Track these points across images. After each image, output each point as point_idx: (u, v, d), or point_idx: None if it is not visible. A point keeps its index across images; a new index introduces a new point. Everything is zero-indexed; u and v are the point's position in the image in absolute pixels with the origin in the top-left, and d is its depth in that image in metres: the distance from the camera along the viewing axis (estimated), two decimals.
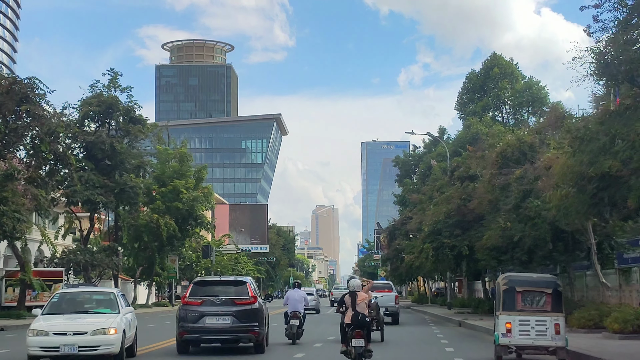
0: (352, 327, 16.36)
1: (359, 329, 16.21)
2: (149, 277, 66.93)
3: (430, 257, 39.02)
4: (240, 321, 19.68)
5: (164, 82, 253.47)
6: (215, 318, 19.68)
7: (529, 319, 16.88)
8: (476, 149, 40.16)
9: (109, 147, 55.11)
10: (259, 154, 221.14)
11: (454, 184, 41.23)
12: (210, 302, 19.91)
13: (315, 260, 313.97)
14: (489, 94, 70.24)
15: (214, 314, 19.71)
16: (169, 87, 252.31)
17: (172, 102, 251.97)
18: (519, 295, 17.10)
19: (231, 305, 19.84)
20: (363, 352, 16.19)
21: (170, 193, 66.16)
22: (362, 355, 16.19)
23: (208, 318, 19.69)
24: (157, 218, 62.36)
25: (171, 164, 69.00)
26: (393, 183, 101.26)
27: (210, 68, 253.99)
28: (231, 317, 19.69)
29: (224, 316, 19.68)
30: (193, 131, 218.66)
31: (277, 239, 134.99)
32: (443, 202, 41.47)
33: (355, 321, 16.32)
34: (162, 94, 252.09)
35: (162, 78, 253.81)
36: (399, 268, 65.22)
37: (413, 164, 78.36)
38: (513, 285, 17.26)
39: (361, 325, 16.30)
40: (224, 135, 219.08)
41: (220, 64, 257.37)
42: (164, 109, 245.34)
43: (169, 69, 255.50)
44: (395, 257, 66.27)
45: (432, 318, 44.25)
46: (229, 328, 19.68)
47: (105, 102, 55.81)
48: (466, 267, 43.01)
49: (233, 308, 19.79)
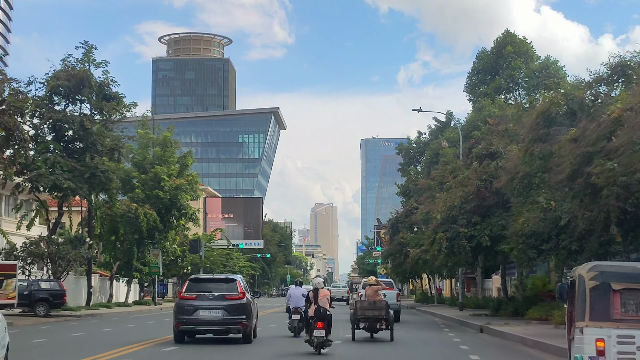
0: (314, 319, 18.36)
1: (320, 321, 18.23)
2: (128, 273, 60.54)
3: (444, 250, 32.57)
4: (230, 314, 21.52)
5: (160, 76, 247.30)
6: (208, 311, 21.54)
7: (634, 335, 10.48)
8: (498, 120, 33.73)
9: (78, 127, 48.69)
10: (256, 149, 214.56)
11: (470, 164, 34.81)
12: (204, 297, 21.78)
13: (313, 258, 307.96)
14: (501, 74, 63.75)
15: (207, 308, 21.56)
16: (166, 81, 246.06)
17: (169, 96, 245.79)
18: (617, 297, 10.65)
19: (222, 300, 21.69)
20: (324, 341, 18.25)
21: (151, 181, 59.77)
22: (323, 344, 18.27)
23: (202, 311, 21.54)
24: (136, 208, 55.96)
25: (154, 149, 62.67)
26: (393, 180, 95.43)
27: (207, 62, 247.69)
28: (222, 311, 21.53)
29: (215, 310, 21.54)
30: (189, 125, 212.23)
31: (272, 235, 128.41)
32: (458, 186, 35.05)
33: (317, 314, 18.40)
34: (159, 87, 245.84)
35: (158, 72, 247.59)
36: (403, 264, 58.75)
37: (418, 152, 71.71)
38: (606, 280, 10.75)
39: (322, 317, 18.31)
40: (221, 129, 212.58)
41: (218, 58, 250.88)
42: (160, 103, 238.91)
43: (165, 62, 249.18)
44: (399, 252, 59.79)
45: (444, 321, 37.84)
46: (220, 320, 21.54)
47: (75, 76, 49.19)
48: (483, 261, 36.46)
49: (224, 302, 21.64)
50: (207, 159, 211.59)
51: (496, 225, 32.03)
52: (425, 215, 47.72)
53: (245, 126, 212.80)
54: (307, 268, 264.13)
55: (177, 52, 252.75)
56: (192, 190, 61.18)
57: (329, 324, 18.45)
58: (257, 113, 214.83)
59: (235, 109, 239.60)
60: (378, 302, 23.02)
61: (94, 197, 51.89)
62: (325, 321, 18.25)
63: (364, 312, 22.92)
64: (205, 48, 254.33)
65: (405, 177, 71.58)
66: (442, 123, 68.18)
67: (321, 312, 18.40)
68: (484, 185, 31.92)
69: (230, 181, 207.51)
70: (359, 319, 23.07)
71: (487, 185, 31.90)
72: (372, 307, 22.89)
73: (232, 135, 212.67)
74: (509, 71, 62.89)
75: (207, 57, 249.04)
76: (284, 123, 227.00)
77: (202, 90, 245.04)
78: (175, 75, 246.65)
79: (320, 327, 18.11)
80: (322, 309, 18.45)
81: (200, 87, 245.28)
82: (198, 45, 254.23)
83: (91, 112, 51.18)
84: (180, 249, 70.47)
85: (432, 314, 45.86)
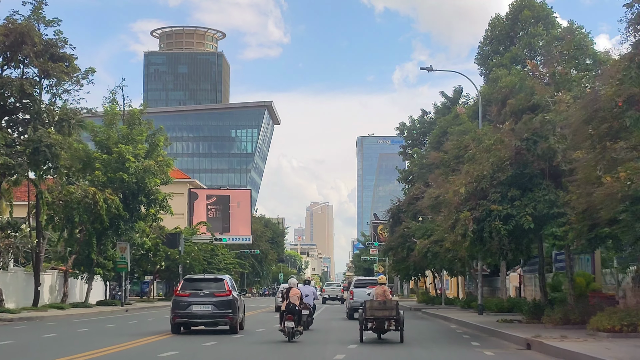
0: (285, 312, 21.75)
1: (290, 314, 21.60)
2: (88, 268, 51.71)
3: (470, 234, 23.70)
4: (218, 309, 24.66)
5: (152, 70, 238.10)
6: (200, 306, 24.65)
7: None
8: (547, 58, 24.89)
9: (18, 92, 40.01)
10: (249, 144, 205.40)
11: (502, 124, 25.86)
12: (196, 294, 24.94)
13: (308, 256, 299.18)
14: (518, 43, 54.90)
15: (198, 303, 24.66)
16: (158, 75, 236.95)
17: (161, 90, 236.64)
18: None
19: (212, 297, 24.82)
20: (294, 331, 21.59)
21: (115, 162, 50.90)
22: (293, 333, 21.57)
23: (194, 306, 24.63)
24: (94, 192, 47.09)
25: (119, 127, 53.82)
26: (389, 179, 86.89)
27: (200, 56, 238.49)
28: (211, 306, 24.66)
29: (206, 305, 24.65)
30: (180, 118, 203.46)
31: (263, 230, 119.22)
32: (484, 153, 26.22)
33: (287, 308, 21.74)
34: (151, 82, 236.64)
35: (150, 66, 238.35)
36: (406, 259, 49.80)
37: (422, 132, 62.60)
38: None
39: (291, 311, 21.64)
40: (212, 123, 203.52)
41: (211, 52, 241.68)
42: (152, 97, 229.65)
43: (158, 56, 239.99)
44: (401, 245, 50.85)
45: (465, 329, 29.00)
46: (210, 314, 24.67)
47: (15, 31, 40.40)
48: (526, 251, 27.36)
49: (213, 299, 24.76)
50: (199, 153, 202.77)
51: (542, 200, 23.17)
52: (435, 200, 38.91)
53: (238, 120, 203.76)
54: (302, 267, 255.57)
55: (170, 46, 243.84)
56: (163, 174, 52.20)
57: (298, 317, 21.76)
58: (250, 107, 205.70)
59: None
60: (388, 302, 21.97)
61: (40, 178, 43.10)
62: (295, 315, 21.54)
63: (374, 313, 21.79)
64: (198, 42, 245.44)
65: (408, 161, 62.49)
66: (450, 99, 59.29)
67: (291, 307, 21.64)
68: (525, 146, 23.11)
69: (222, 177, 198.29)
70: (368, 320, 21.98)
71: (531, 146, 23.09)
72: (383, 307, 21.80)
73: (224, 130, 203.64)
74: (527, 39, 54.05)
75: (200, 52, 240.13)
76: (278, 118, 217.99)
77: (195, 85, 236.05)
78: (168, 70, 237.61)
79: (290, 319, 21.37)
80: (292, 305, 21.71)
81: (194, 81, 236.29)
82: (191, 39, 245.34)
83: (39, 77, 42.51)
84: (152, 242, 61.59)
85: (444, 319, 37.02)
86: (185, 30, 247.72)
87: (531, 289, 44.54)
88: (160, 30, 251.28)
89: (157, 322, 33.41)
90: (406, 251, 49.74)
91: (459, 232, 24.09)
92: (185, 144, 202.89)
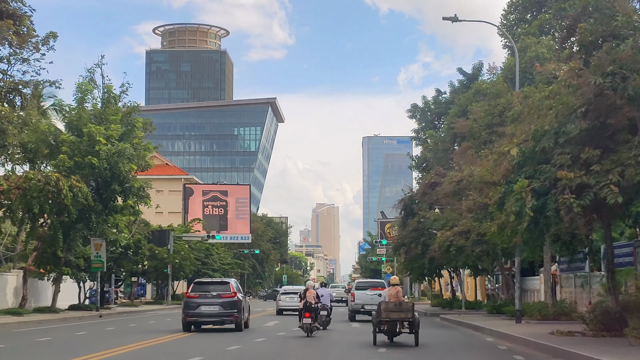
0: (303, 310, 24.33)
1: (307, 312, 24.21)
2: (55, 267, 44.50)
3: (528, 212, 16.29)
4: (225, 309, 27.16)
5: (154, 68, 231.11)
6: (208, 307, 27.15)
7: None
8: None
9: None
10: (253, 142, 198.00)
11: (568, 60, 18.50)
12: (205, 295, 27.46)
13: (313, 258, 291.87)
14: (548, 9, 47.55)
15: (207, 304, 27.16)
16: (160, 74, 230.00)
17: (163, 89, 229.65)
18: None
19: (219, 298, 27.30)
20: (311, 327, 24.22)
21: (85, 145, 43.61)
22: (311, 329, 24.24)
23: (203, 307, 27.15)
24: (57, 178, 39.80)
25: (92, 104, 46.56)
26: (395, 179, 79.37)
27: (203, 53, 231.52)
28: (218, 306, 27.16)
29: (213, 305, 27.16)
30: (181, 116, 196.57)
31: (264, 229, 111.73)
32: (535, 112, 18.94)
33: (305, 307, 24.47)
34: (153, 80, 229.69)
35: (152, 64, 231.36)
36: (421, 257, 42.35)
37: (437, 113, 54.99)
38: None
39: (308, 309, 24.37)
40: (214, 120, 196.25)
41: (215, 50, 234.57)
42: (154, 96, 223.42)
43: (160, 54, 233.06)
44: (415, 240, 43.45)
45: (508, 343, 21.56)
46: (217, 314, 27.21)
47: None
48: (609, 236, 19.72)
49: (220, 300, 27.25)
50: (200, 152, 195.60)
51: (633, 164, 15.86)
52: (457, 184, 31.62)
53: (241, 117, 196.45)
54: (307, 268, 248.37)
55: (172, 44, 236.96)
56: (140, 159, 44.78)
57: (315, 314, 24.68)
58: (253, 103, 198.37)
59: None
60: (404, 304, 20.98)
61: None
62: (312, 312, 24.41)
63: (389, 315, 20.63)
64: (201, 39, 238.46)
65: (421, 146, 55.00)
66: (469, 76, 51.85)
67: (307, 305, 24.47)
68: (610, 84, 15.81)
69: (225, 176, 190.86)
70: (382, 322, 20.81)
71: (618, 84, 15.77)
72: (398, 309, 20.65)
73: (226, 127, 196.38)
74: (559, 3, 46.64)
75: (203, 49, 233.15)
76: (282, 115, 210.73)
77: (197, 83, 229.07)
78: (170, 68, 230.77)
79: (307, 316, 24.26)
80: (309, 303, 24.55)
81: (196, 79, 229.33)
82: (194, 37, 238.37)
83: None
84: (133, 239, 54.32)
85: (473, 328, 29.60)
86: (188, 28, 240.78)
87: (570, 291, 37.28)
88: (162, 28, 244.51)
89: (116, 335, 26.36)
90: (421, 247, 42.34)
91: (511, 209, 16.67)
92: (187, 143, 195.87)
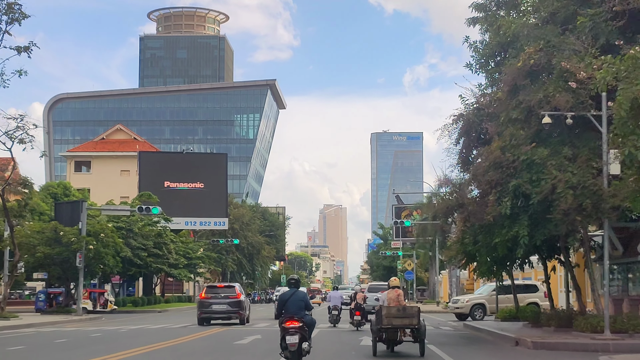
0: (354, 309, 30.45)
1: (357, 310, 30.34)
2: None
3: None
4: (231, 307, 34.62)
5: (148, 55, 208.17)
6: (218, 305, 34.51)
7: None
8: None
9: None
10: (250, 129, 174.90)
11: None
12: (215, 297, 34.92)
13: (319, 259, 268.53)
14: None
15: (217, 303, 34.57)
16: (155, 61, 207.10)
17: (158, 77, 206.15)
18: None
19: (226, 299, 34.84)
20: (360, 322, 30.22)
21: None
22: (359, 324, 30.22)
23: (214, 305, 34.52)
24: None
25: None
26: (405, 177, 58.08)
27: (201, 39, 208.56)
28: (226, 305, 34.57)
29: (222, 304, 34.51)
30: (171, 100, 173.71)
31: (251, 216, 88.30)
32: None
33: (356, 306, 30.50)
34: (147, 68, 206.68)
35: (147, 50, 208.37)
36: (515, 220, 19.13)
37: None
38: None
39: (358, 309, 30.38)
40: (209, 105, 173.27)
41: (213, 35, 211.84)
42: (148, 84, 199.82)
43: (154, 40, 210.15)
44: (499, 185, 20.23)
45: None
46: (225, 311, 34.62)
47: None
48: None
49: (227, 300, 34.81)
50: (192, 139, 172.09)
51: None
52: None
53: (238, 102, 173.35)
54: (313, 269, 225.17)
55: (168, 29, 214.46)
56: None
57: (363, 313, 30.34)
58: (251, 86, 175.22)
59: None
60: (408, 308, 17.99)
61: None
62: (361, 311, 30.33)
63: (391, 321, 17.44)
64: (198, 24, 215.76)
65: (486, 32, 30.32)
66: None
67: (358, 305, 30.57)
68: None
69: None
70: (384, 329, 17.66)
71: None
72: (402, 315, 17.52)
73: (222, 113, 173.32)
74: None
75: (200, 35, 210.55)
76: (283, 101, 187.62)
77: (195, 71, 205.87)
78: (166, 54, 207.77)
79: (358, 314, 30.26)
80: (359, 304, 30.65)
81: (193, 67, 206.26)
82: (191, 22, 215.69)
83: None
84: None
85: None
86: (185, 12, 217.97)
87: None
88: (157, 13, 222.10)
89: None
90: (510, 199, 18.93)
91: None
92: (177, 128, 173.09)
